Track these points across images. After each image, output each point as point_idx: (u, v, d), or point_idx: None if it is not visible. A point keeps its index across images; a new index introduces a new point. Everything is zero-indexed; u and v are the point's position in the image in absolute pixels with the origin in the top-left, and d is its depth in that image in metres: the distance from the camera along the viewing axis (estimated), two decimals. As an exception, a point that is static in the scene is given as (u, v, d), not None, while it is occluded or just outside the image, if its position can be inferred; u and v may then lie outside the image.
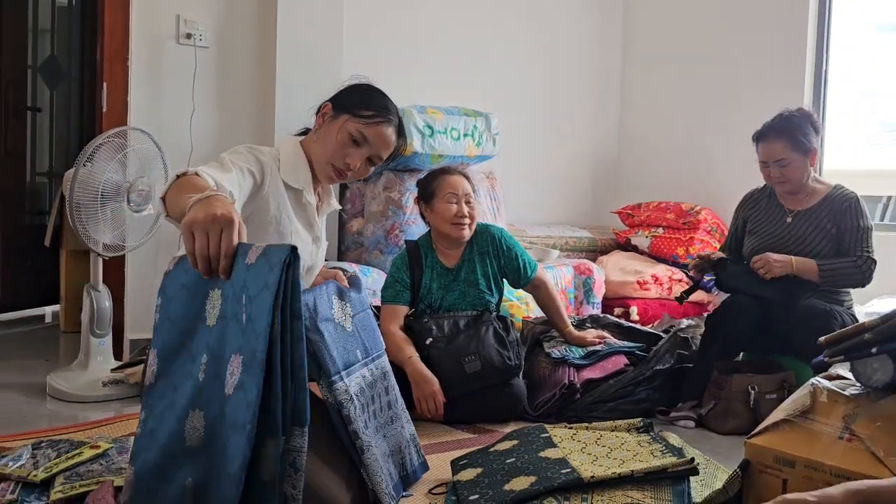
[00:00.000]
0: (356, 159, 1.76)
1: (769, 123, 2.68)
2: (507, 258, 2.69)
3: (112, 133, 2.64)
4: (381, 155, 1.78)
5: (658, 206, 4.11)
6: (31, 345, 3.53)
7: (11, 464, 1.83)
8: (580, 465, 1.76)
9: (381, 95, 1.84)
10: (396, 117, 1.83)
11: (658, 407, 2.60)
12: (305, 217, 1.80)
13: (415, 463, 1.86)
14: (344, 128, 1.75)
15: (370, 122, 1.76)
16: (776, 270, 2.57)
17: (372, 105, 1.79)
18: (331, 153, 1.75)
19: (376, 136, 1.77)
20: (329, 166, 1.76)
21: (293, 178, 1.76)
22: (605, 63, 4.64)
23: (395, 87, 3.77)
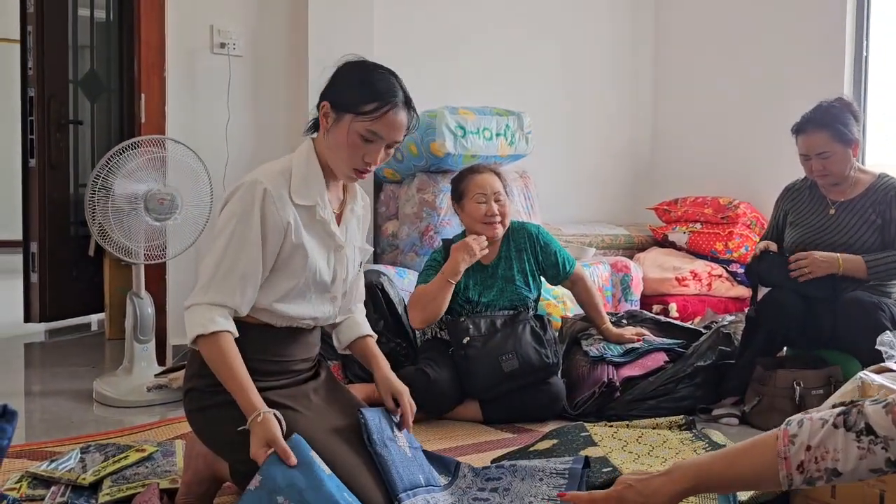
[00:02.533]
0: (374, 156, 1.62)
1: (808, 115, 2.61)
2: (545, 254, 2.68)
3: (127, 144, 2.69)
4: (397, 140, 1.64)
5: (695, 201, 4.05)
6: (79, 352, 3.62)
7: (61, 467, 1.88)
8: (622, 464, 1.75)
9: (379, 78, 1.65)
10: (402, 91, 1.65)
11: (700, 405, 2.56)
12: (321, 231, 1.67)
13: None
14: (351, 130, 1.60)
15: (377, 116, 1.60)
16: (819, 271, 2.50)
17: (374, 96, 1.61)
18: (346, 158, 1.62)
19: (387, 127, 1.61)
20: (350, 170, 1.64)
21: (305, 196, 1.63)
22: (638, 58, 4.59)
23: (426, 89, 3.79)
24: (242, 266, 1.54)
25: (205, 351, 1.51)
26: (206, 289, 1.54)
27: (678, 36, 4.53)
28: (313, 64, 3.38)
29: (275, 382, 1.62)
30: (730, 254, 3.84)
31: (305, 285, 1.63)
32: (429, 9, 3.88)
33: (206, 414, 1.59)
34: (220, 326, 1.50)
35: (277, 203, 1.57)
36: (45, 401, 2.78)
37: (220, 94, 3.31)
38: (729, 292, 3.77)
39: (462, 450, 2.20)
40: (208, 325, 1.49)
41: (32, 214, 4.01)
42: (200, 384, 1.60)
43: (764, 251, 2.66)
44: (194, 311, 1.53)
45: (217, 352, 1.50)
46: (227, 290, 1.53)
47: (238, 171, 3.35)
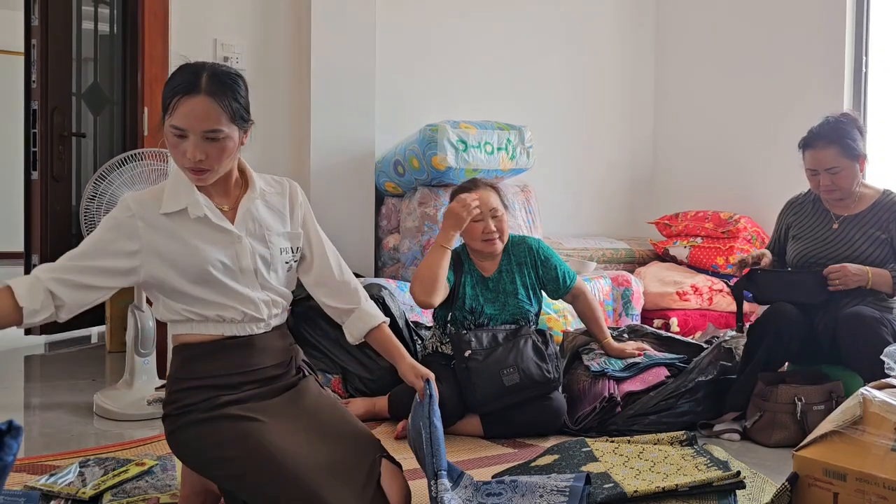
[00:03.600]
0: (191, 151, 1.53)
1: (816, 130, 2.61)
2: (546, 268, 2.68)
3: (123, 156, 2.71)
4: (208, 128, 1.54)
5: (696, 215, 4.06)
6: (79, 365, 3.61)
7: (60, 482, 1.88)
8: (623, 480, 1.74)
9: (179, 72, 1.58)
10: (202, 78, 1.55)
11: (701, 420, 2.55)
12: (206, 229, 1.62)
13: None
14: (166, 132, 1.57)
15: (171, 109, 1.53)
16: (851, 284, 2.50)
17: (169, 91, 1.55)
18: (176, 160, 1.58)
19: (185, 118, 1.52)
20: (186, 172, 1.58)
21: (174, 203, 1.60)
22: (639, 72, 4.62)
23: (427, 104, 3.84)
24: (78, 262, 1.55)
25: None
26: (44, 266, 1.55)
27: (678, 51, 4.56)
28: (316, 78, 3.40)
29: (239, 395, 1.59)
30: (731, 268, 3.84)
31: (205, 291, 1.60)
32: (431, 23, 3.91)
33: (178, 437, 1.59)
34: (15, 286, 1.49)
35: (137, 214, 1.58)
36: (45, 414, 2.78)
37: (223, 107, 3.32)
38: (730, 307, 3.76)
39: (463, 465, 2.19)
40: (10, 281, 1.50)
41: (34, 226, 4.02)
42: (169, 409, 1.61)
43: (752, 270, 2.66)
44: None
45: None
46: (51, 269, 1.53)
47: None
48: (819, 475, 1.59)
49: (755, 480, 1.98)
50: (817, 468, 1.62)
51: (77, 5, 4.14)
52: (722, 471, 1.73)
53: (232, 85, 1.57)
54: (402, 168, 3.41)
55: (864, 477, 1.51)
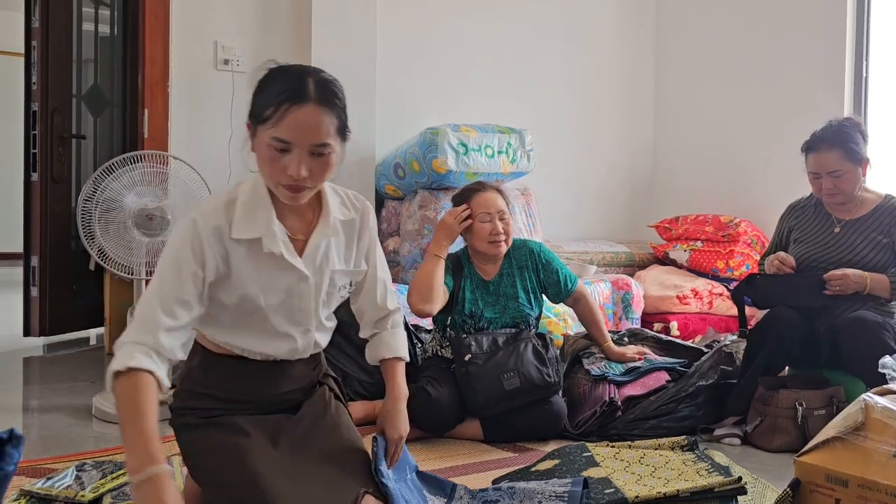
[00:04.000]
0: (295, 167, 1.39)
1: (819, 134, 2.61)
2: (547, 272, 2.67)
3: (120, 158, 2.71)
4: (318, 142, 1.40)
5: (696, 218, 4.05)
6: (78, 367, 3.60)
7: (57, 485, 1.87)
8: (624, 485, 1.73)
9: (279, 77, 1.44)
10: (310, 84, 1.41)
11: (702, 424, 2.55)
12: (273, 264, 1.49)
13: None
14: (262, 142, 1.41)
15: (276, 120, 1.38)
16: (850, 289, 2.49)
17: (270, 98, 1.40)
18: (270, 174, 1.43)
19: (293, 130, 1.38)
20: (280, 189, 1.43)
21: (249, 229, 1.46)
22: (639, 76, 4.62)
23: (428, 107, 3.84)
24: (168, 305, 1.38)
25: (117, 389, 1.32)
26: (132, 328, 1.38)
27: (679, 53, 4.56)
28: (316, 80, 3.39)
29: (244, 407, 1.55)
30: (731, 272, 3.84)
31: (247, 320, 1.50)
32: (432, 26, 3.91)
33: (176, 433, 1.56)
34: (138, 364, 1.31)
35: (211, 239, 1.43)
36: (44, 416, 2.77)
37: (224, 110, 3.32)
38: (730, 311, 3.76)
39: (462, 469, 2.19)
40: (126, 361, 1.31)
41: (34, 228, 4.01)
42: (174, 403, 1.57)
43: (751, 275, 2.66)
44: (118, 348, 1.36)
45: (128, 389, 1.30)
46: (149, 329, 1.36)
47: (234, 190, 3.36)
48: (821, 481, 1.58)
49: (756, 486, 1.97)
50: (819, 474, 1.61)
51: (77, 7, 4.13)
52: (723, 476, 1.73)
53: (338, 93, 1.44)
54: (402, 171, 3.41)
55: (866, 483, 1.50)
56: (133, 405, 1.28)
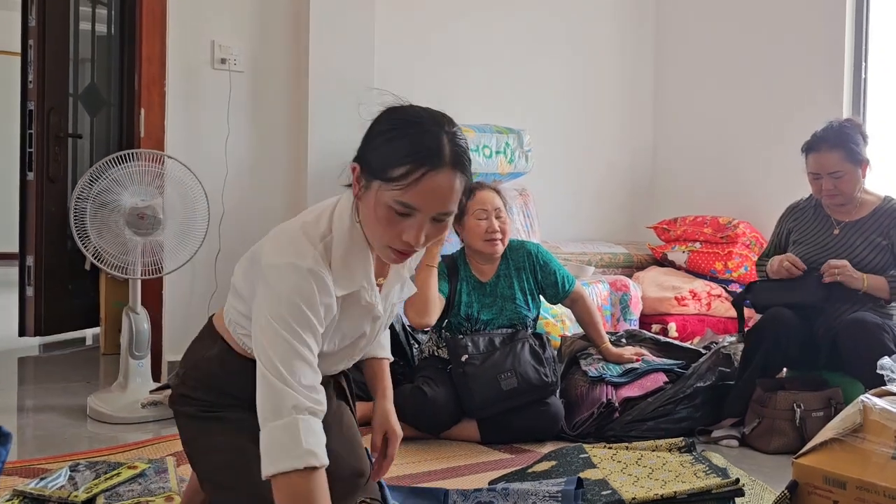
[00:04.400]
0: (415, 234, 1.25)
1: (820, 134, 2.60)
2: (545, 273, 2.66)
3: (113, 157, 2.70)
4: (446, 210, 1.26)
5: (695, 220, 4.04)
6: (73, 367, 3.59)
7: (51, 485, 1.85)
8: (621, 487, 1.72)
9: (415, 131, 1.27)
10: (449, 146, 1.26)
11: (699, 426, 2.54)
12: (360, 310, 1.41)
13: None
14: (379, 200, 1.25)
15: (407, 183, 1.22)
16: (848, 281, 2.49)
17: (403, 157, 1.23)
18: (380, 234, 1.28)
19: (424, 197, 1.23)
20: (387, 249, 1.30)
21: (347, 285, 1.34)
22: (638, 77, 4.61)
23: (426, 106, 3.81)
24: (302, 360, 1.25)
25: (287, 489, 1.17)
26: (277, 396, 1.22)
27: (678, 55, 4.55)
28: (314, 80, 3.38)
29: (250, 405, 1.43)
30: (729, 273, 3.83)
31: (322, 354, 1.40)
32: (430, 25, 3.89)
33: (177, 419, 1.51)
34: (321, 461, 1.18)
35: (321, 294, 1.29)
36: (39, 416, 2.75)
37: (221, 109, 3.31)
38: (728, 312, 3.75)
39: (459, 470, 2.18)
40: (307, 458, 1.16)
41: (29, 228, 4.00)
42: (176, 389, 1.50)
43: (751, 282, 2.66)
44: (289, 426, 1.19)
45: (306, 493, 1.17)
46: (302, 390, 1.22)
47: (237, 187, 3.35)
48: (819, 483, 1.57)
49: (754, 488, 1.96)
50: (817, 476, 1.60)
51: (74, 6, 4.13)
52: (721, 478, 1.72)
53: (468, 151, 1.32)
54: (399, 171, 3.40)
55: (864, 485, 1.49)
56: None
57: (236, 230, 3.32)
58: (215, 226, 3.27)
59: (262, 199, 3.41)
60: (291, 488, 1.17)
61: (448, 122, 1.30)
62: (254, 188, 3.40)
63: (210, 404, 1.48)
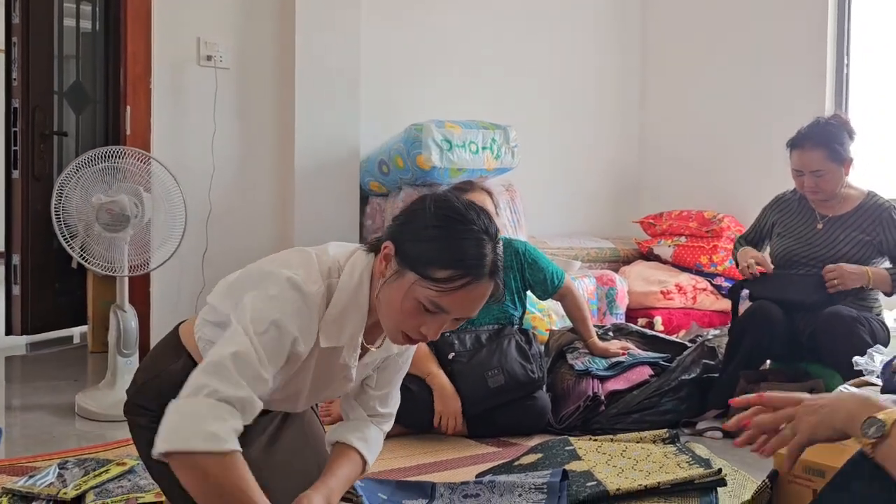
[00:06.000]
0: (434, 329, 1.26)
1: (805, 132, 2.62)
2: (533, 271, 2.67)
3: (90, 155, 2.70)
4: (471, 315, 1.30)
5: (680, 214, 4.08)
6: (61, 365, 3.58)
7: (39, 483, 1.86)
8: (606, 478, 1.75)
9: (466, 236, 1.25)
10: (490, 256, 1.25)
11: (684, 418, 2.57)
12: (333, 365, 1.38)
13: None
14: (411, 293, 1.24)
15: (448, 288, 1.22)
16: (850, 284, 2.51)
17: (452, 262, 1.22)
18: (399, 321, 1.27)
19: (460, 304, 1.25)
20: (399, 334, 1.29)
21: (334, 337, 1.31)
22: (624, 72, 4.63)
23: (412, 102, 3.84)
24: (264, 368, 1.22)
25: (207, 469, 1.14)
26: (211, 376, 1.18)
27: (665, 51, 4.58)
28: (300, 77, 3.39)
29: None
30: (714, 267, 3.87)
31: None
32: (416, 21, 3.90)
33: (137, 433, 1.47)
34: (234, 445, 1.15)
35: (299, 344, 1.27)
36: (26, 415, 2.75)
37: (207, 106, 3.30)
38: (713, 306, 3.79)
39: (446, 464, 2.19)
40: (220, 443, 1.13)
41: (15, 226, 3.97)
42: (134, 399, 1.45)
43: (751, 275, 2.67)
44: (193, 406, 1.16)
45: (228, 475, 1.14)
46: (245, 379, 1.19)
47: (224, 184, 3.35)
48: (799, 472, 1.59)
49: (736, 478, 1.99)
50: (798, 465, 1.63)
51: (59, 2, 4.10)
52: (703, 468, 1.75)
53: (503, 258, 1.33)
54: (386, 167, 3.41)
55: (842, 474, 1.52)
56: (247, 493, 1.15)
57: (223, 228, 3.32)
58: (202, 223, 3.27)
59: (250, 197, 3.41)
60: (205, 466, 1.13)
61: (495, 230, 1.29)
62: (241, 185, 3.40)
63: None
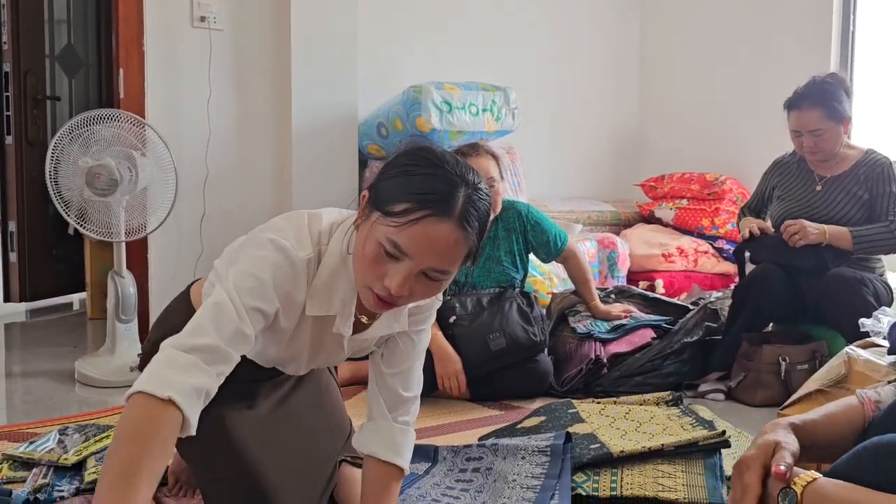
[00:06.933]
0: (397, 282, 1.12)
1: (802, 91, 2.58)
2: (536, 233, 2.64)
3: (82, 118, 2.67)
4: (439, 267, 1.13)
5: (682, 177, 4.04)
6: (60, 332, 3.57)
7: (39, 449, 1.85)
8: (609, 440, 1.74)
9: (430, 170, 1.14)
10: (460, 199, 1.12)
11: (686, 380, 2.56)
12: (327, 337, 1.31)
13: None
14: (371, 234, 1.14)
15: (403, 221, 1.10)
16: (811, 237, 2.49)
17: (408, 194, 1.12)
18: (364, 272, 1.16)
19: (416, 242, 1.11)
20: (367, 291, 1.17)
21: (324, 306, 1.24)
22: (625, 33, 4.55)
23: (411, 64, 3.77)
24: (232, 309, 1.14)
25: (131, 412, 1.03)
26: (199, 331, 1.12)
27: (666, 11, 4.49)
28: (296, 37, 3.31)
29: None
30: (716, 230, 3.84)
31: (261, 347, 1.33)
32: (414, -19, 3.82)
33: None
34: (181, 398, 1.03)
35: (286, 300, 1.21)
36: (27, 382, 2.75)
37: (202, 68, 3.24)
38: (715, 268, 3.77)
39: (448, 427, 2.19)
40: (166, 389, 1.03)
41: (10, 193, 3.94)
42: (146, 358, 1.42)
43: (752, 235, 2.64)
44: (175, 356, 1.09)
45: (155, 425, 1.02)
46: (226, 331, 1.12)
47: (220, 148, 3.30)
48: (804, 433, 1.59)
49: (740, 439, 1.99)
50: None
51: (48, -36, 4.02)
52: (707, 430, 1.74)
53: (484, 217, 1.18)
54: (385, 130, 3.36)
55: (848, 434, 1.51)
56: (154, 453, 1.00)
57: (221, 192, 3.28)
58: (199, 188, 3.23)
59: (247, 161, 3.37)
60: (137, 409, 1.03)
61: (475, 179, 1.16)
62: (238, 149, 3.35)
63: None
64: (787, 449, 1.01)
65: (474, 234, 1.14)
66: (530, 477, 1.64)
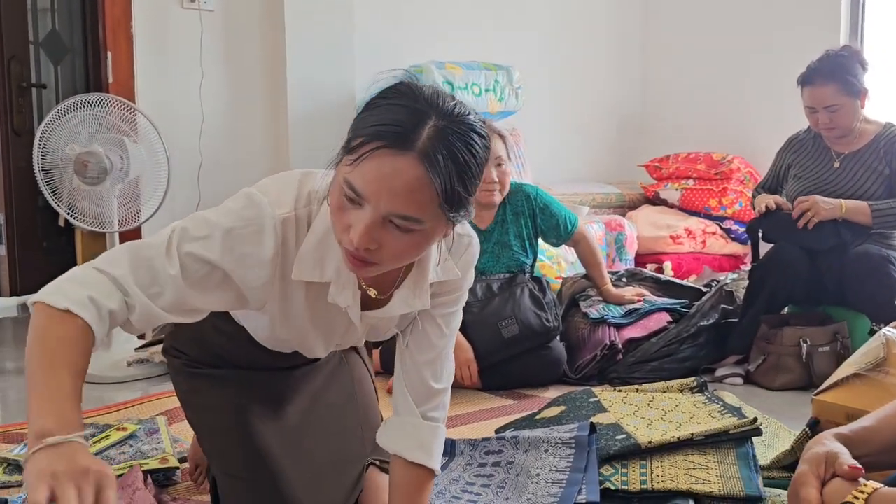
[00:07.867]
0: (358, 228, 0.97)
1: (815, 66, 2.48)
2: (545, 216, 2.56)
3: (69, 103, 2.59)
4: (399, 211, 0.96)
5: (687, 157, 3.95)
6: (53, 327, 3.47)
7: (37, 451, 1.76)
8: (635, 430, 1.66)
9: (395, 100, 0.98)
10: (427, 135, 0.95)
11: (703, 365, 2.49)
12: (329, 310, 1.17)
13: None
14: (336, 179, 1.01)
15: (355, 158, 0.96)
16: (823, 214, 2.41)
17: (366, 126, 0.97)
18: (334, 227, 1.03)
19: (368, 182, 0.95)
20: (343, 250, 1.03)
21: (314, 273, 1.11)
22: (628, 11, 4.45)
23: (411, 43, 3.66)
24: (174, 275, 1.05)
25: (40, 322, 1.00)
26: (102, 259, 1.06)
27: (667, -14, 4.39)
28: (290, 17, 3.20)
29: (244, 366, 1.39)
30: (724, 210, 3.76)
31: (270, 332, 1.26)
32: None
33: (171, 374, 1.46)
34: (81, 309, 0.98)
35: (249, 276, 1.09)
36: (20, 379, 2.65)
37: (192, 51, 3.14)
38: (724, 249, 3.71)
39: (462, 419, 2.12)
40: (67, 300, 0.99)
41: (-3, 184, 3.84)
42: (168, 344, 1.44)
43: (768, 210, 2.56)
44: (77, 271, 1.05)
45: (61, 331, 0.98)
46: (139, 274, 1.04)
47: (214, 134, 3.20)
48: (841, 420, 1.51)
49: (769, 426, 1.91)
50: (839, 413, 1.55)
51: (29, -53, 3.90)
52: (736, 418, 1.66)
53: (460, 154, 0.97)
54: (385, 112, 3.27)
55: (890, 420, 1.43)
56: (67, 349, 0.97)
57: (216, 178, 3.18)
58: (193, 175, 3.14)
59: (242, 145, 3.27)
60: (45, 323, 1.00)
61: (459, 111, 0.99)
62: (232, 134, 3.25)
63: (198, 361, 1.41)
64: (843, 454, 0.98)
65: (446, 173, 0.95)
66: (555, 471, 1.56)
